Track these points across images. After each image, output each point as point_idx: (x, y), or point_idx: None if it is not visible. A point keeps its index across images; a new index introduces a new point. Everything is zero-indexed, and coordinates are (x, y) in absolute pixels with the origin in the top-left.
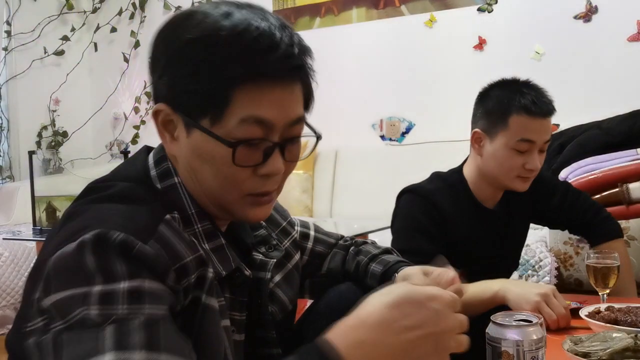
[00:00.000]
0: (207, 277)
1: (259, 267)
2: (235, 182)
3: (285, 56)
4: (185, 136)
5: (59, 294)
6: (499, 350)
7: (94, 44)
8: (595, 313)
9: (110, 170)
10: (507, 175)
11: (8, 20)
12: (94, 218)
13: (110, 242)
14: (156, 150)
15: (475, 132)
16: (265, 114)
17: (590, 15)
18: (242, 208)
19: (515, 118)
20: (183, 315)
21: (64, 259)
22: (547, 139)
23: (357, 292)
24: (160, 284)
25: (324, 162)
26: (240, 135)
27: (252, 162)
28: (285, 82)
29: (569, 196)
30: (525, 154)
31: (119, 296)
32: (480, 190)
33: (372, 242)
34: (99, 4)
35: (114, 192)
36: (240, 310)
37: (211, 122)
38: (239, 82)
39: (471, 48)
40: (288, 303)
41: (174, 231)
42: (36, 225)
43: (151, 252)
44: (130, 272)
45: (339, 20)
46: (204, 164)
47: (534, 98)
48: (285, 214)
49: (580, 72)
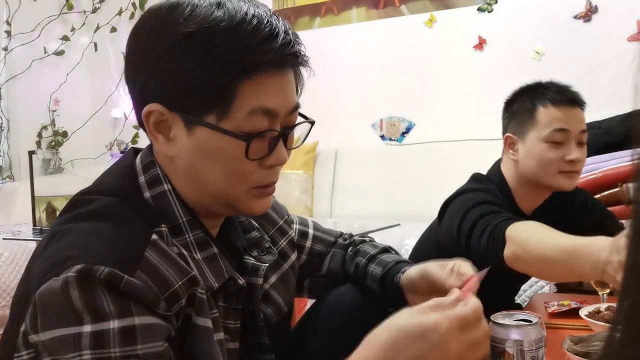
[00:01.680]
0: (197, 297)
1: (251, 273)
2: (243, 176)
3: (284, 44)
4: (185, 135)
5: (48, 332)
6: (499, 350)
7: (94, 44)
8: (595, 313)
9: (97, 177)
10: (548, 172)
11: (8, 20)
12: (77, 246)
13: (95, 277)
14: (143, 154)
15: (507, 137)
16: (271, 104)
17: (590, 15)
18: (248, 202)
19: (542, 110)
20: (177, 336)
21: (50, 296)
22: (582, 128)
23: (357, 293)
24: (153, 317)
25: (324, 162)
26: (249, 128)
27: (261, 154)
28: (285, 70)
29: (589, 204)
30: (562, 145)
31: (110, 338)
32: (521, 197)
33: (370, 239)
34: (99, 4)
35: (96, 208)
36: (235, 318)
37: (218, 118)
38: (245, 74)
39: (471, 48)
40: (284, 305)
41: (161, 255)
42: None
43: (139, 285)
44: (119, 310)
45: (339, 20)
46: (209, 162)
47: (558, 89)
48: (282, 212)
49: (580, 72)
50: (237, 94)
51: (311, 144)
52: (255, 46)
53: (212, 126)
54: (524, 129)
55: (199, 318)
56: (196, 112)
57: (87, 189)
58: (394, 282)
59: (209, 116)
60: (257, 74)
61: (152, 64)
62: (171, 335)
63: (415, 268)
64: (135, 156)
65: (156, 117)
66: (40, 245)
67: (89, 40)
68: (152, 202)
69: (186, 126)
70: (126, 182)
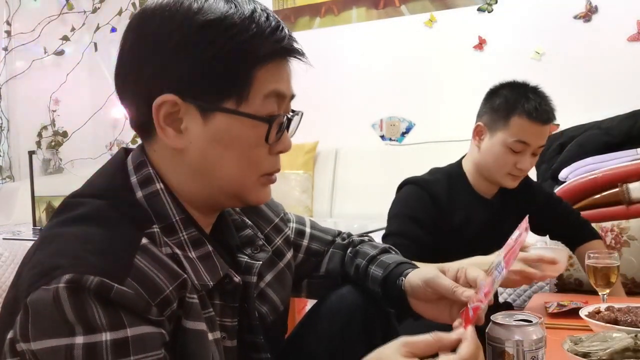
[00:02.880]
0: (187, 301)
1: (245, 271)
2: (256, 163)
3: (288, 34)
4: (200, 125)
5: (40, 342)
6: (499, 350)
7: (94, 44)
8: (595, 313)
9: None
10: (499, 171)
11: (8, 20)
12: (65, 254)
13: (85, 287)
14: (134, 154)
15: (478, 125)
16: (282, 88)
17: (590, 15)
18: (256, 190)
19: (517, 119)
20: (170, 340)
21: (42, 306)
22: (542, 144)
23: (359, 295)
24: (145, 326)
25: (324, 162)
26: (265, 112)
27: (275, 138)
28: (289, 59)
29: (551, 201)
30: (519, 154)
31: (103, 351)
32: (477, 183)
33: (369, 239)
34: (99, 4)
35: (85, 212)
36: (232, 316)
37: (237, 103)
38: (261, 61)
39: (471, 48)
40: (280, 303)
41: (151, 260)
42: (36, 225)
43: (129, 294)
44: (111, 322)
45: (339, 20)
46: (225, 150)
47: (537, 105)
48: (279, 210)
49: (580, 72)
50: (254, 79)
51: (311, 143)
52: (269, 35)
53: (233, 111)
54: (496, 127)
55: (188, 322)
56: (214, 100)
57: (78, 191)
58: (396, 286)
59: (228, 102)
60: (271, 61)
61: (167, 54)
62: (166, 340)
63: (417, 274)
64: (126, 156)
65: (168, 108)
66: (30, 250)
67: (89, 40)
68: (144, 202)
69: (202, 115)
70: (117, 182)
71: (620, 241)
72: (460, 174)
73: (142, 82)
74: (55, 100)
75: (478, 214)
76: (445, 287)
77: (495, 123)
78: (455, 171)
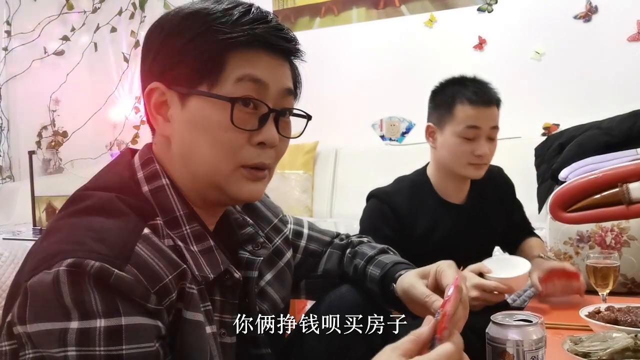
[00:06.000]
0: (186, 292)
1: (246, 266)
2: (231, 150)
3: (276, 28)
4: (179, 112)
5: (35, 325)
6: (499, 350)
7: (94, 44)
8: (595, 313)
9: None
10: (458, 163)
11: (8, 20)
12: (69, 240)
13: (85, 272)
14: (142, 151)
15: (428, 126)
16: (258, 74)
17: (590, 15)
18: (237, 183)
19: (460, 107)
20: (168, 331)
21: (41, 289)
22: (493, 125)
23: (358, 294)
24: (141, 317)
25: (324, 162)
26: (238, 95)
27: (249, 125)
28: (277, 53)
29: (517, 203)
30: (473, 141)
31: (96, 337)
32: (443, 186)
33: (368, 239)
34: (99, 4)
35: (91, 204)
36: (232, 312)
37: (209, 87)
38: (234, 46)
39: (471, 48)
40: (280, 302)
41: (152, 249)
42: (36, 225)
43: (129, 280)
44: (107, 309)
45: (339, 20)
46: (199, 135)
47: (475, 89)
48: (277, 211)
49: (580, 72)
50: (226, 64)
51: (311, 143)
52: (244, 23)
53: (202, 92)
54: (443, 122)
55: (188, 312)
56: (190, 84)
57: (87, 185)
58: (391, 289)
59: (201, 86)
60: (245, 48)
61: (157, 45)
62: (161, 333)
63: (405, 278)
64: (132, 155)
65: (156, 96)
66: (37, 240)
67: (89, 40)
68: (150, 196)
69: (180, 101)
70: (124, 177)
71: (620, 241)
72: (425, 180)
73: (144, 72)
74: (55, 100)
75: (444, 220)
76: (418, 297)
77: (442, 118)
78: (420, 178)
